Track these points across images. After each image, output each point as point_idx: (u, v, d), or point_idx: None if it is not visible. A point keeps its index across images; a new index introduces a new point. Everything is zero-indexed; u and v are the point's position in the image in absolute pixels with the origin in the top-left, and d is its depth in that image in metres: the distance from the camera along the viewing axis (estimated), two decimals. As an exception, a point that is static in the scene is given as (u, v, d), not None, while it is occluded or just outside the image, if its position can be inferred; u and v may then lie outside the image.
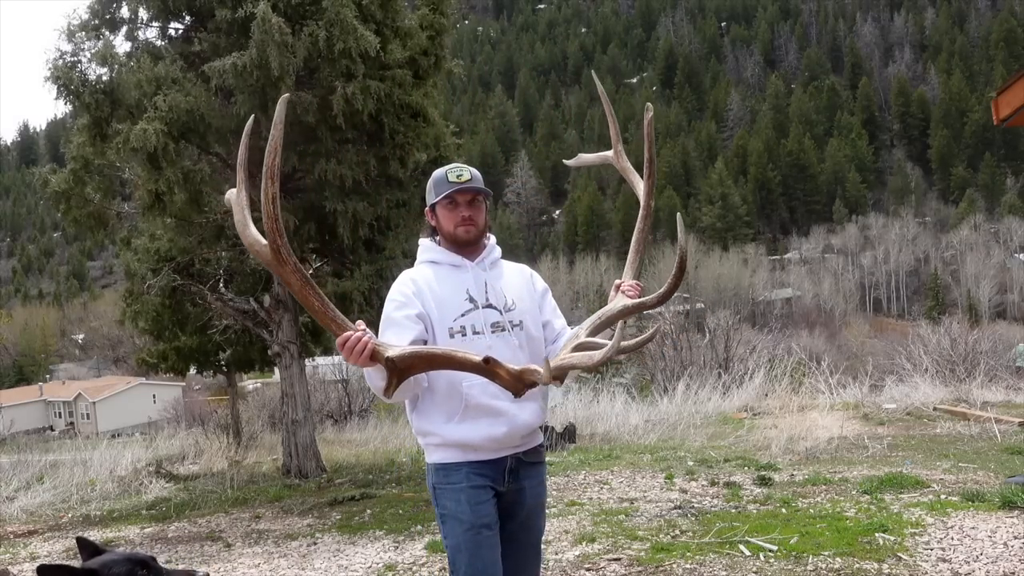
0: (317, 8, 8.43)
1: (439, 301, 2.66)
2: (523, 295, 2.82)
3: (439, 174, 2.78)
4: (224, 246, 9.79)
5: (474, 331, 2.65)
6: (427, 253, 2.82)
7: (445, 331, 2.64)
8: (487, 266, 2.79)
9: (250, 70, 7.91)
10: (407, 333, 2.57)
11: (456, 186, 2.70)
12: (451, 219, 2.72)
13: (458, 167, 2.76)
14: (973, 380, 12.63)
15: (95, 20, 9.02)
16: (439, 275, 2.73)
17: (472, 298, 2.70)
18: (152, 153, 7.98)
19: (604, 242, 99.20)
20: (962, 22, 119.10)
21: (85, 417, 50.14)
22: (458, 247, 2.75)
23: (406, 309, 2.63)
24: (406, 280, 2.72)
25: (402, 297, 2.66)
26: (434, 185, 2.77)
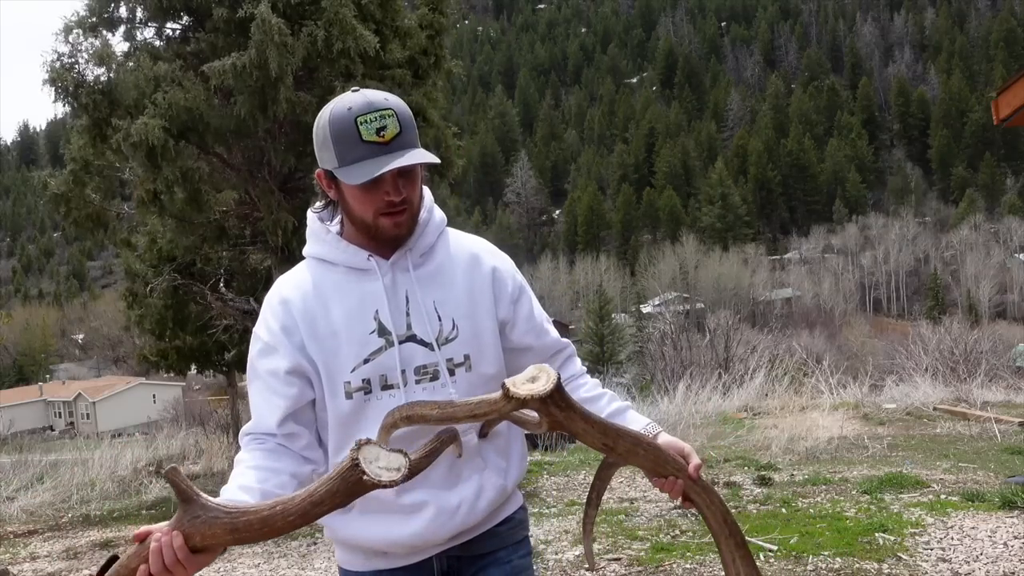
0: (316, 8, 8.44)
1: (328, 335, 1.67)
2: (474, 306, 1.75)
3: (339, 116, 1.62)
4: (225, 246, 9.79)
5: (385, 385, 1.67)
6: (316, 244, 1.76)
7: (338, 390, 1.67)
8: (413, 263, 1.72)
9: (249, 70, 7.92)
10: (276, 404, 1.67)
11: (377, 153, 1.58)
12: (367, 202, 1.63)
13: (373, 106, 1.60)
14: (973, 380, 12.62)
15: (92, 18, 9.03)
16: (331, 286, 1.71)
17: (383, 326, 1.67)
18: (151, 150, 7.98)
19: (604, 242, 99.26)
20: (962, 22, 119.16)
21: (85, 417, 50.16)
22: (371, 238, 1.70)
23: (273, 358, 1.68)
24: (276, 300, 1.73)
25: (267, 334, 1.69)
26: (333, 138, 1.62)
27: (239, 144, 8.98)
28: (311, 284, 1.74)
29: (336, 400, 1.69)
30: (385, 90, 1.83)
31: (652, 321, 35.65)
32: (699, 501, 1.65)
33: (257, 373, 1.72)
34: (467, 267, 1.80)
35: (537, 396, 1.42)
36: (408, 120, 1.63)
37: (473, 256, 1.82)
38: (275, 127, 8.65)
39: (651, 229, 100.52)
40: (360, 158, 1.59)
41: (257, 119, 8.24)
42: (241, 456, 1.68)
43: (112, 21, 9.19)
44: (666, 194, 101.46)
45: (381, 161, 1.58)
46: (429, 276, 1.75)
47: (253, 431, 1.71)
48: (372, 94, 1.62)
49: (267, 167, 9.04)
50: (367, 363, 1.67)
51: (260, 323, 1.76)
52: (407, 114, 1.65)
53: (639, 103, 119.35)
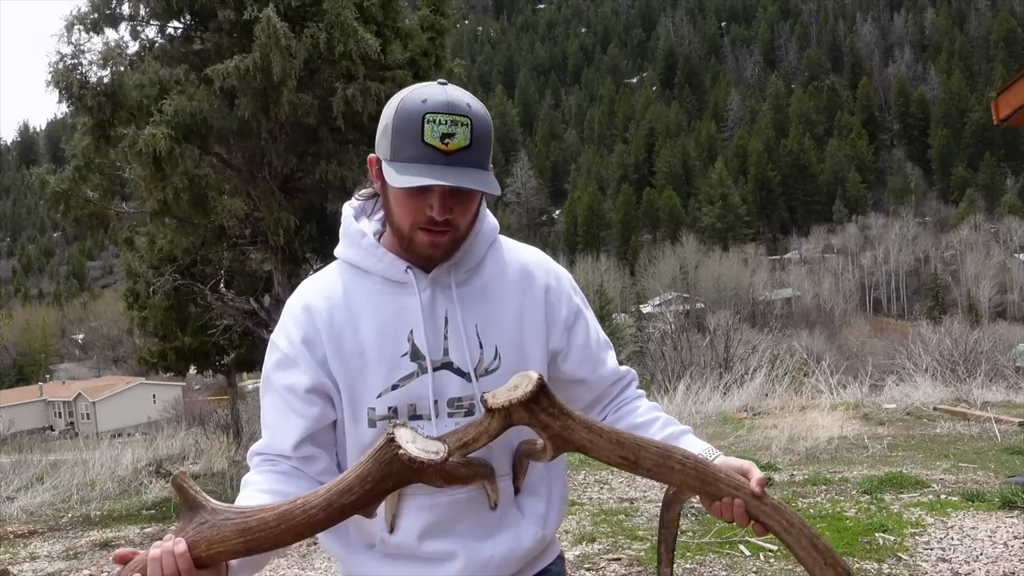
0: (318, 10, 8.45)
1: (355, 353, 1.49)
2: (522, 334, 1.55)
3: (409, 106, 1.41)
4: (225, 247, 9.81)
5: (413, 415, 1.49)
6: (349, 247, 1.56)
7: (360, 416, 1.49)
8: (456, 280, 1.53)
9: (253, 73, 7.95)
10: (293, 423, 1.49)
11: (434, 161, 1.38)
12: (409, 210, 1.43)
13: (450, 107, 1.39)
14: (973, 380, 12.62)
15: (94, 14, 9.04)
16: (363, 297, 1.52)
17: (417, 350, 1.49)
18: (157, 157, 8.01)
19: (604, 242, 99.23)
20: (962, 22, 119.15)
21: (85, 417, 50.16)
22: (405, 250, 1.50)
23: (292, 372, 1.50)
24: (299, 307, 1.54)
25: (287, 345, 1.51)
26: (394, 127, 1.41)
27: (240, 145, 9.00)
28: (341, 293, 1.53)
29: (358, 427, 1.50)
30: (386, 90, 1.65)
31: (652, 321, 35.69)
32: (773, 524, 1.39)
33: (273, 386, 1.53)
34: (518, 286, 1.58)
35: (518, 402, 1.25)
36: (484, 136, 1.41)
37: (525, 272, 1.59)
38: (276, 128, 8.67)
39: (651, 229, 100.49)
40: (413, 159, 1.38)
41: (260, 120, 8.27)
42: (250, 478, 1.51)
43: (114, 18, 9.20)
44: (666, 194, 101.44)
45: (433, 172, 1.37)
46: (473, 295, 1.54)
47: (265, 451, 1.54)
48: (456, 94, 1.42)
49: (268, 168, 9.06)
50: (396, 389, 1.48)
51: (279, 330, 1.55)
52: (485, 129, 1.42)
53: (639, 103, 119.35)
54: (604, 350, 1.68)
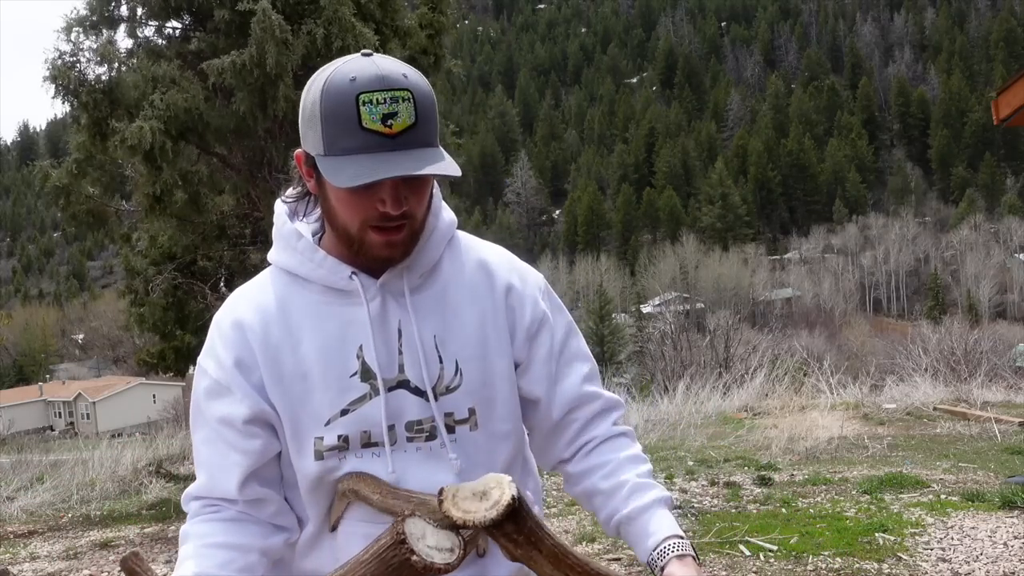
0: (315, 6, 8.45)
1: (296, 376, 1.30)
2: (485, 343, 1.36)
3: (336, 87, 1.21)
4: (225, 245, 9.81)
5: (367, 443, 1.30)
6: (284, 252, 1.37)
7: (305, 447, 1.31)
8: (410, 286, 1.33)
9: (249, 68, 7.94)
10: (233, 461, 1.30)
11: (378, 148, 1.19)
12: (355, 208, 1.25)
13: (385, 82, 1.19)
14: (973, 380, 12.62)
15: (93, 16, 9.05)
16: (302, 310, 1.33)
17: (367, 368, 1.30)
18: (149, 152, 8.00)
19: (604, 242, 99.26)
20: (962, 22, 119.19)
21: (85, 417, 50.18)
22: (355, 254, 1.30)
23: (226, 402, 1.30)
24: (228, 323, 1.34)
25: (217, 369, 1.32)
26: (323, 115, 1.21)
27: (239, 144, 9.00)
28: (275, 305, 1.32)
29: (303, 460, 1.31)
30: None
31: (652, 321, 35.68)
32: None
33: (205, 418, 1.33)
34: (479, 289, 1.38)
35: (477, 523, 1.05)
36: (428, 108, 1.22)
37: (486, 272, 1.39)
38: (275, 126, 8.66)
39: (651, 229, 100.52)
40: (353, 149, 1.19)
41: (257, 117, 8.26)
42: (192, 529, 1.32)
43: (112, 20, 9.21)
44: (666, 194, 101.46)
45: (381, 161, 1.18)
46: (429, 302, 1.33)
47: (205, 494, 1.33)
48: (387, 64, 1.22)
49: (267, 167, 9.05)
50: (345, 415, 1.29)
51: (207, 352, 1.34)
52: (428, 99, 1.22)
53: (639, 103, 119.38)
54: (571, 365, 1.43)
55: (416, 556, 1.05)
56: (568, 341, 1.44)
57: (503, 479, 1.11)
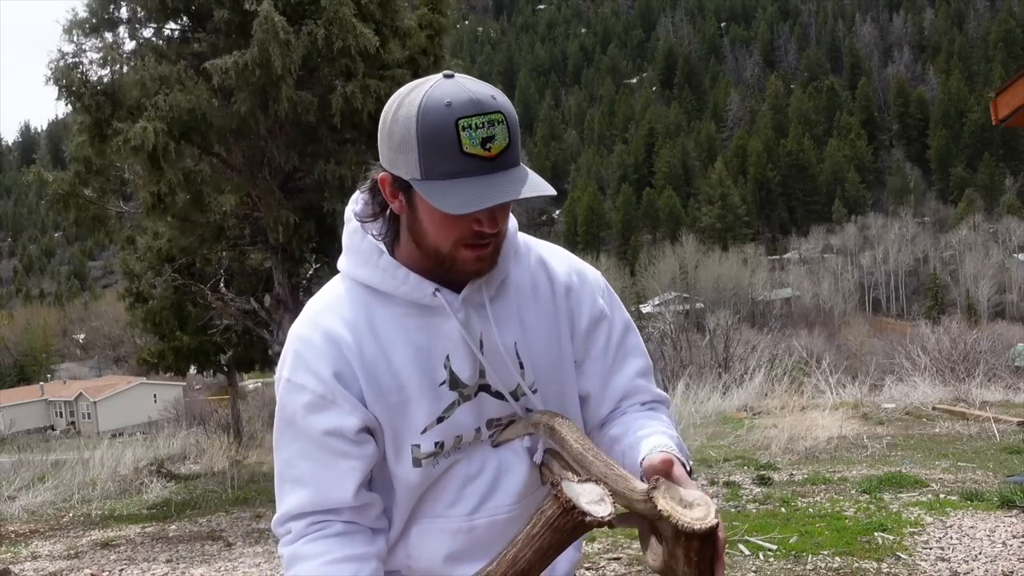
0: (316, 7, 8.47)
1: (392, 388, 1.33)
2: (553, 343, 1.42)
3: (433, 112, 1.21)
4: (224, 246, 9.83)
5: (457, 445, 1.37)
6: (364, 268, 1.36)
7: (404, 454, 1.35)
8: (487, 297, 1.36)
9: (252, 68, 7.96)
10: (348, 468, 1.32)
11: (478, 171, 1.21)
12: (451, 229, 1.26)
13: (480, 106, 1.21)
14: (972, 380, 12.63)
15: (93, 19, 9.07)
16: (389, 324, 1.34)
17: (455, 377, 1.35)
18: (152, 152, 8.02)
19: (604, 242, 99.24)
20: (961, 22, 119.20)
21: (86, 417, 50.18)
22: (444, 270, 1.32)
23: (332, 414, 1.31)
24: (319, 337, 1.33)
25: (316, 382, 1.31)
26: (422, 140, 1.21)
27: (240, 144, 9.02)
28: (363, 320, 1.34)
29: (402, 466, 1.36)
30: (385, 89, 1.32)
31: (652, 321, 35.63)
32: None
33: (306, 433, 1.32)
34: (542, 291, 1.43)
35: (681, 524, 1.07)
36: (516, 128, 1.24)
37: (547, 274, 1.44)
38: (276, 126, 8.68)
39: (651, 229, 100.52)
40: (455, 173, 1.20)
41: (258, 118, 8.28)
42: (304, 550, 1.32)
43: (112, 22, 9.24)
44: (666, 194, 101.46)
45: (484, 185, 1.20)
46: (506, 310, 1.38)
47: (311, 509, 1.33)
48: (475, 86, 1.24)
49: (268, 167, 9.07)
50: (441, 422, 1.35)
51: (298, 367, 1.33)
52: (516, 119, 1.25)
53: (639, 103, 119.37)
54: (626, 360, 1.46)
55: (589, 516, 1.10)
56: (625, 338, 1.48)
57: (710, 502, 1.13)
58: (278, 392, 1.36)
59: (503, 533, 1.36)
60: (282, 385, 1.34)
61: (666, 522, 1.08)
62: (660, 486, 1.12)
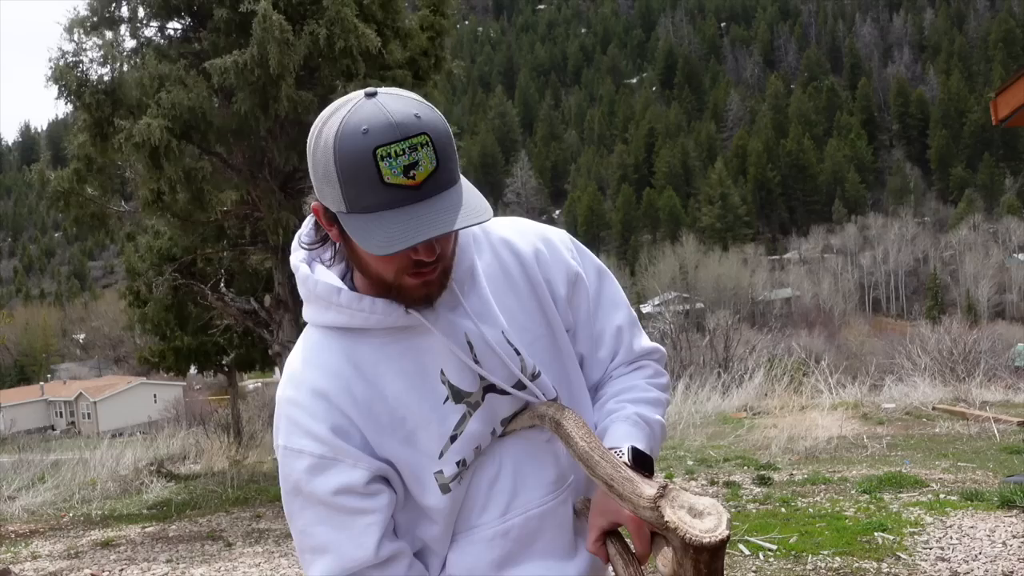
0: (318, 7, 8.47)
1: (394, 423, 1.27)
2: (540, 320, 1.37)
3: (349, 143, 1.12)
4: (225, 246, 9.83)
5: (480, 453, 1.32)
6: (329, 312, 1.28)
7: (428, 486, 1.29)
8: (461, 295, 1.30)
9: (251, 68, 7.96)
10: (366, 524, 1.25)
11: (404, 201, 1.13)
12: (391, 264, 1.20)
13: (400, 130, 1.11)
14: (972, 380, 12.63)
15: (94, 17, 9.07)
16: (372, 359, 1.28)
17: (456, 389, 1.29)
18: (154, 149, 8.03)
19: (604, 242, 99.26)
20: (961, 22, 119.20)
21: (86, 417, 50.20)
22: (392, 298, 1.26)
23: (338, 473, 1.24)
24: (307, 395, 1.26)
25: (314, 443, 1.24)
26: (341, 174, 1.13)
27: (240, 144, 9.02)
28: (346, 363, 1.27)
29: (430, 497, 1.29)
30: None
31: (652, 321, 35.69)
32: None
33: (314, 499, 1.25)
34: (512, 270, 1.37)
35: (695, 542, 1.01)
36: (446, 146, 1.14)
37: (512, 251, 1.38)
38: (276, 126, 8.68)
39: (651, 229, 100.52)
40: (378, 206, 1.12)
41: (258, 117, 8.28)
42: None
43: (113, 20, 9.23)
44: (666, 194, 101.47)
45: (410, 216, 1.12)
46: (483, 303, 1.31)
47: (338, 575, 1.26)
48: (396, 106, 1.13)
49: (268, 167, 9.07)
50: (455, 440, 1.28)
51: (294, 431, 1.26)
52: (445, 136, 1.14)
53: (639, 103, 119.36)
54: (609, 317, 1.43)
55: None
56: (601, 289, 1.43)
57: (723, 512, 1.06)
58: (278, 461, 1.30)
59: (541, 527, 1.33)
60: (280, 454, 1.28)
61: (673, 533, 1.03)
62: (668, 493, 1.06)
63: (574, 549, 1.37)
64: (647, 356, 1.46)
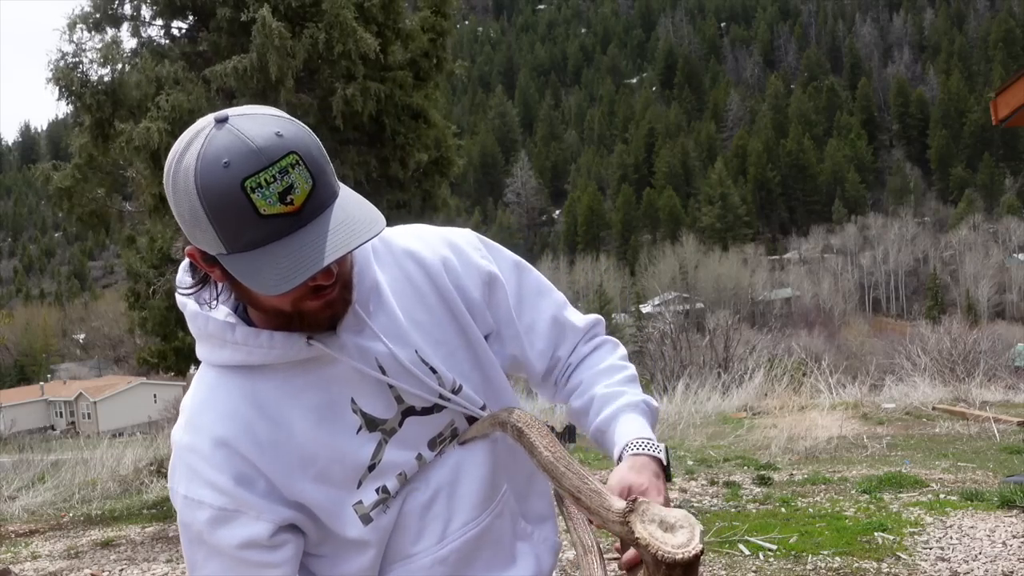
0: (317, 10, 8.47)
1: (304, 462, 1.19)
2: (454, 330, 1.30)
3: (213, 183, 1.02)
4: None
5: (404, 482, 1.25)
6: (225, 350, 1.19)
7: (349, 521, 1.22)
8: (366, 316, 1.21)
9: (251, 73, 7.97)
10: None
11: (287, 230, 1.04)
12: (285, 296, 1.09)
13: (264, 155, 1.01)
14: (972, 380, 12.64)
15: (96, 14, 9.07)
16: (275, 397, 1.19)
17: (369, 416, 1.22)
18: (155, 152, 8.03)
19: (604, 242, 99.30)
20: (961, 22, 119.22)
21: (86, 416, 50.21)
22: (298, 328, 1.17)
23: (240, 525, 1.17)
24: (207, 445, 1.18)
25: (215, 495, 1.16)
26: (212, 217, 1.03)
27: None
28: (245, 406, 1.18)
29: (352, 530, 1.22)
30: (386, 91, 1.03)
31: (652, 321, 35.66)
32: None
33: (219, 549, 1.18)
34: (418, 281, 1.28)
35: (660, 554, 0.98)
36: (317, 160, 1.05)
37: (416, 262, 1.29)
38: (277, 128, 8.68)
39: (651, 229, 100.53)
40: (262, 240, 1.03)
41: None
42: None
43: (116, 18, 9.23)
44: (666, 194, 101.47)
45: (299, 245, 1.03)
46: (392, 321, 1.23)
47: None
48: (253, 129, 1.03)
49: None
50: (373, 469, 1.22)
51: (193, 479, 1.17)
52: (314, 148, 1.05)
53: (639, 103, 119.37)
54: (535, 307, 1.37)
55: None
56: (521, 284, 1.37)
57: (695, 524, 1.02)
58: (176, 507, 1.22)
59: (479, 546, 1.30)
60: (179, 503, 1.20)
61: (645, 549, 0.99)
62: (638, 507, 1.02)
63: (514, 558, 1.35)
64: (593, 329, 1.44)
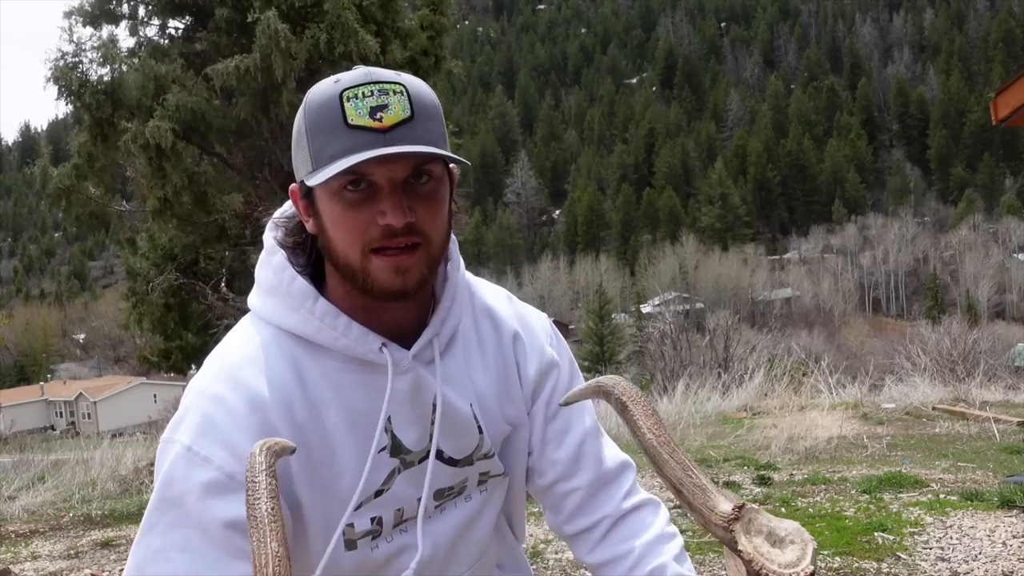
0: (318, 11, 8.49)
1: (324, 460, 1.09)
2: (505, 399, 1.24)
3: (320, 94, 1.05)
4: (225, 246, 9.84)
5: (399, 521, 1.15)
6: (291, 313, 1.09)
7: (333, 540, 1.10)
8: (439, 353, 1.15)
9: (253, 73, 7.99)
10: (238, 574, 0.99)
11: (369, 145, 0.98)
12: (353, 228, 1.02)
13: (372, 77, 1.03)
14: (972, 380, 12.63)
15: (95, 11, 9.09)
16: (322, 381, 1.10)
17: (397, 441, 1.13)
18: (160, 150, 8.05)
19: (604, 242, 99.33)
20: (961, 22, 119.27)
21: (86, 417, 50.21)
22: (363, 293, 1.06)
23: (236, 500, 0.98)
24: (240, 400, 1.05)
25: (229, 459, 1.01)
26: (308, 126, 1.03)
27: (240, 145, 9.04)
28: (295, 378, 1.07)
29: (333, 551, 1.09)
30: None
31: (652, 321, 35.65)
32: None
33: (197, 519, 0.99)
34: (488, 341, 1.23)
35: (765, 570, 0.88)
36: (428, 106, 1.02)
37: (493, 322, 1.24)
38: (278, 128, 8.70)
39: (651, 229, 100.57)
40: (343, 152, 0.98)
41: (259, 120, 8.31)
42: None
43: (114, 16, 9.25)
44: (666, 194, 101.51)
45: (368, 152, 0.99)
46: (457, 368, 1.18)
47: None
48: (378, 69, 1.06)
49: (268, 167, 9.09)
50: (380, 496, 1.12)
51: (206, 432, 1.02)
52: (427, 97, 1.03)
53: (639, 103, 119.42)
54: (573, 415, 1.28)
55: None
56: (572, 386, 1.28)
57: (809, 540, 0.90)
58: (165, 459, 1.04)
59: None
60: (175, 452, 1.03)
61: (748, 564, 0.89)
62: (745, 514, 0.92)
63: None
64: (624, 472, 1.32)
